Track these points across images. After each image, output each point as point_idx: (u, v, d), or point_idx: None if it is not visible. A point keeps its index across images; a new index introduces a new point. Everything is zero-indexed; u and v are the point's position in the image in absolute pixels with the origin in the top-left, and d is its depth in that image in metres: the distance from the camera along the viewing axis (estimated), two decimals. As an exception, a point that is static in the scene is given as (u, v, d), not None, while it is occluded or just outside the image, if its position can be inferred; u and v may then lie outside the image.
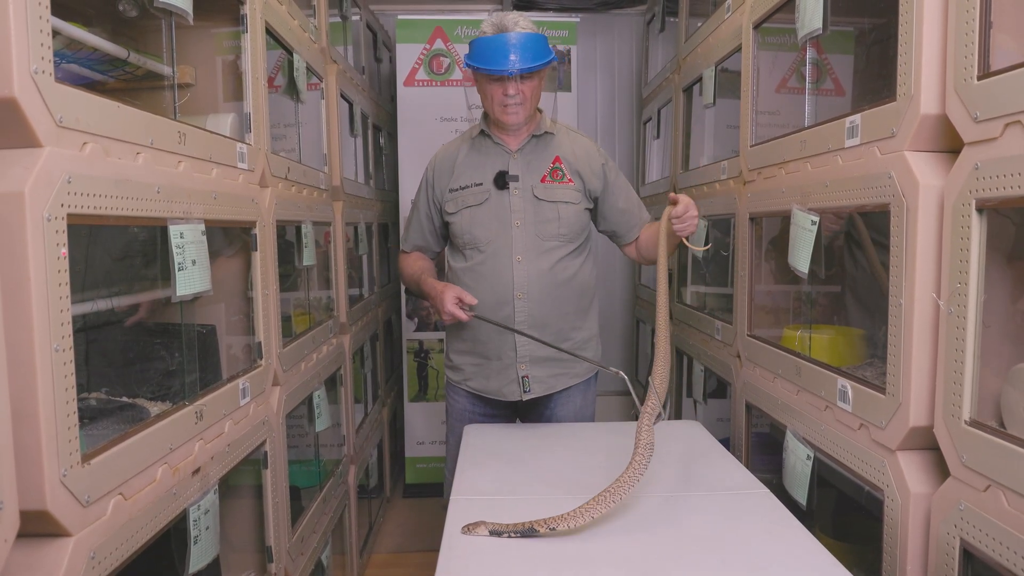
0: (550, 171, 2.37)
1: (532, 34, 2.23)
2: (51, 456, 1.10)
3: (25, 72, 1.06)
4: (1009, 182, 1.22)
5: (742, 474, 1.82)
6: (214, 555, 1.66)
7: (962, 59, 1.34)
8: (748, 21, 2.34)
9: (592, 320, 2.49)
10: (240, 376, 1.88)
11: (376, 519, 3.78)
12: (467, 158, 2.42)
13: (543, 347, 2.32)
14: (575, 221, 2.37)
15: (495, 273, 2.33)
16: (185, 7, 1.58)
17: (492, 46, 2.21)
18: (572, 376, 2.43)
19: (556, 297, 2.35)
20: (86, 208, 1.20)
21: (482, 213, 2.36)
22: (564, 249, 2.36)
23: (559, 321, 2.36)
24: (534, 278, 2.32)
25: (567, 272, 2.36)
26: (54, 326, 1.11)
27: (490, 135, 2.40)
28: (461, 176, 2.40)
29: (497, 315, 2.32)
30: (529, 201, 2.34)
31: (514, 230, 2.33)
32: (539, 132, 2.39)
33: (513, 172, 2.36)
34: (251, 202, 1.94)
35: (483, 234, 2.35)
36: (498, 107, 2.28)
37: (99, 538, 1.22)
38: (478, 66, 2.23)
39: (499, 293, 2.32)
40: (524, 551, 1.40)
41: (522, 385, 2.37)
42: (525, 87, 2.25)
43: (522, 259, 2.32)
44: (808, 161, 1.93)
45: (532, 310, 2.33)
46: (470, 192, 2.38)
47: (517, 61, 2.18)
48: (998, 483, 1.25)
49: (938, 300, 1.43)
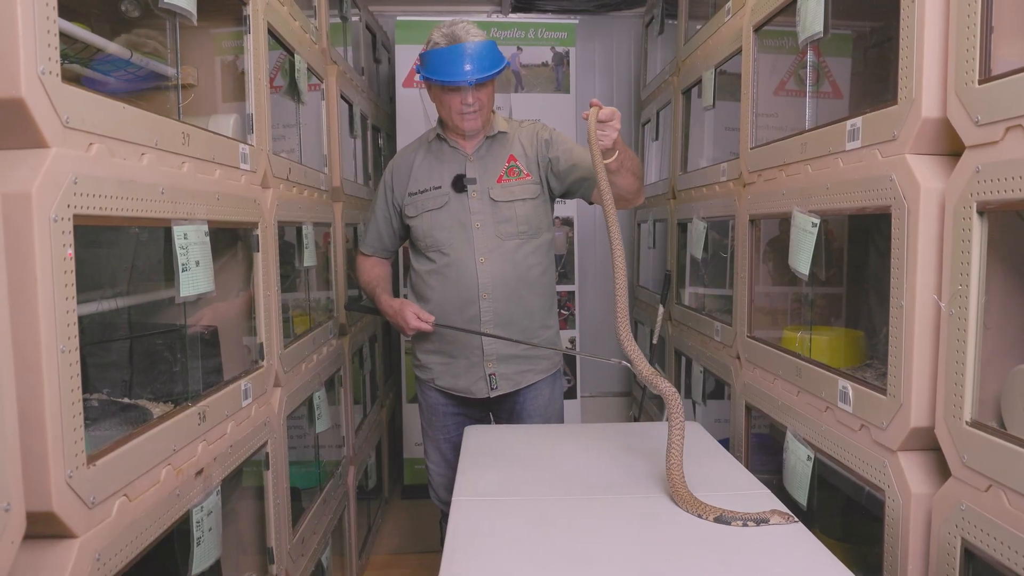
0: (506, 170, 2.44)
1: (485, 42, 2.30)
2: (57, 457, 1.10)
3: (32, 73, 1.06)
4: (1010, 185, 1.23)
5: (742, 475, 1.83)
6: (216, 556, 1.66)
7: (963, 63, 1.35)
8: (749, 24, 2.35)
9: (553, 317, 2.59)
10: (242, 377, 1.88)
11: (375, 520, 3.78)
12: (424, 162, 2.49)
13: (509, 345, 2.42)
14: (534, 216, 2.44)
15: (460, 274, 2.40)
16: (189, 8, 1.58)
17: (446, 57, 2.27)
18: (538, 372, 2.53)
19: (520, 296, 2.42)
20: (92, 209, 1.20)
21: (442, 216, 2.43)
22: (526, 247, 2.43)
23: (525, 319, 2.45)
24: (498, 278, 2.40)
25: (530, 271, 2.44)
26: (60, 327, 1.11)
27: (446, 139, 2.47)
28: (419, 180, 2.47)
29: (463, 315, 2.41)
30: (487, 203, 2.41)
31: (475, 231, 2.40)
32: (492, 133, 2.46)
33: (470, 175, 2.43)
34: (253, 203, 1.95)
35: (445, 237, 2.42)
36: (456, 116, 2.35)
37: (104, 539, 1.22)
38: (435, 78, 2.29)
39: (464, 294, 2.40)
40: (525, 552, 1.40)
41: (489, 382, 2.46)
42: (482, 95, 2.33)
43: (485, 260, 2.39)
44: (809, 163, 1.94)
45: (498, 309, 2.40)
46: (429, 196, 2.45)
47: (473, 71, 2.25)
48: (999, 483, 1.26)
49: (939, 302, 1.43)
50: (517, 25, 4.24)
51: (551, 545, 1.43)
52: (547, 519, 1.55)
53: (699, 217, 2.93)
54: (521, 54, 4.20)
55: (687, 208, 3.15)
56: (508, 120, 2.53)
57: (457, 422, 2.59)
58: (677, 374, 3.38)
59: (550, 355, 2.56)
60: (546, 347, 2.47)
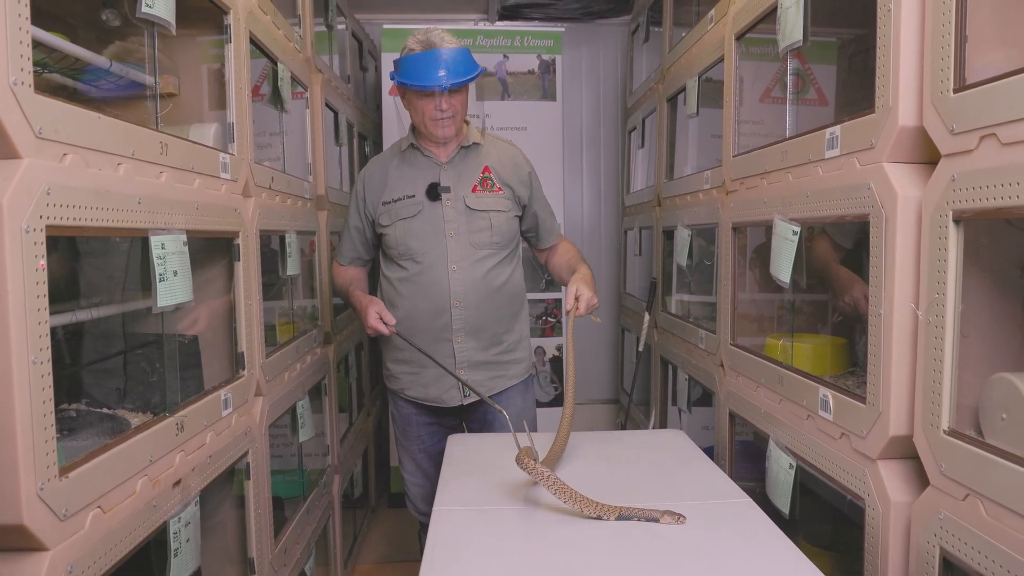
0: (480, 180, 2.46)
1: (459, 48, 2.33)
2: (28, 469, 1.09)
3: (4, 83, 1.06)
4: (985, 194, 1.23)
5: (725, 483, 1.83)
6: (195, 567, 1.65)
7: (939, 72, 1.35)
8: (731, 32, 2.36)
9: (523, 323, 2.61)
10: (222, 387, 1.87)
11: (361, 529, 3.76)
12: (398, 171, 2.50)
13: (479, 351, 2.46)
14: (506, 229, 2.47)
15: (432, 283, 2.41)
16: (168, 17, 1.58)
17: (421, 63, 2.29)
18: (509, 377, 2.55)
19: (491, 303, 2.45)
20: (65, 219, 1.19)
21: (416, 225, 2.44)
22: (496, 257, 2.46)
23: (494, 326, 2.47)
24: (470, 286, 2.41)
25: (500, 279, 2.46)
26: (32, 338, 1.10)
27: (420, 148, 2.48)
28: (393, 189, 2.48)
29: (435, 323, 2.42)
30: (462, 212, 2.43)
31: (448, 240, 2.42)
32: (467, 143, 2.47)
33: (444, 183, 2.44)
34: (234, 212, 1.94)
35: (418, 245, 2.43)
36: (430, 121, 2.36)
37: (77, 552, 1.21)
38: (409, 83, 2.30)
39: (436, 302, 2.41)
40: (505, 564, 1.40)
41: (462, 390, 2.47)
42: (455, 101, 2.35)
43: (457, 268, 2.41)
44: (789, 171, 1.94)
45: (469, 316, 2.42)
46: (403, 204, 2.45)
47: (447, 76, 2.27)
48: (976, 492, 1.26)
49: (916, 310, 1.44)
50: (503, 33, 4.25)
51: (531, 556, 1.42)
52: (528, 530, 1.54)
53: (684, 225, 2.93)
54: (507, 62, 4.20)
55: (672, 216, 3.16)
56: (482, 132, 2.55)
57: (431, 431, 2.60)
58: (663, 382, 3.38)
59: (523, 359, 2.58)
60: (455, 374, 2.42)
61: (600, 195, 4.84)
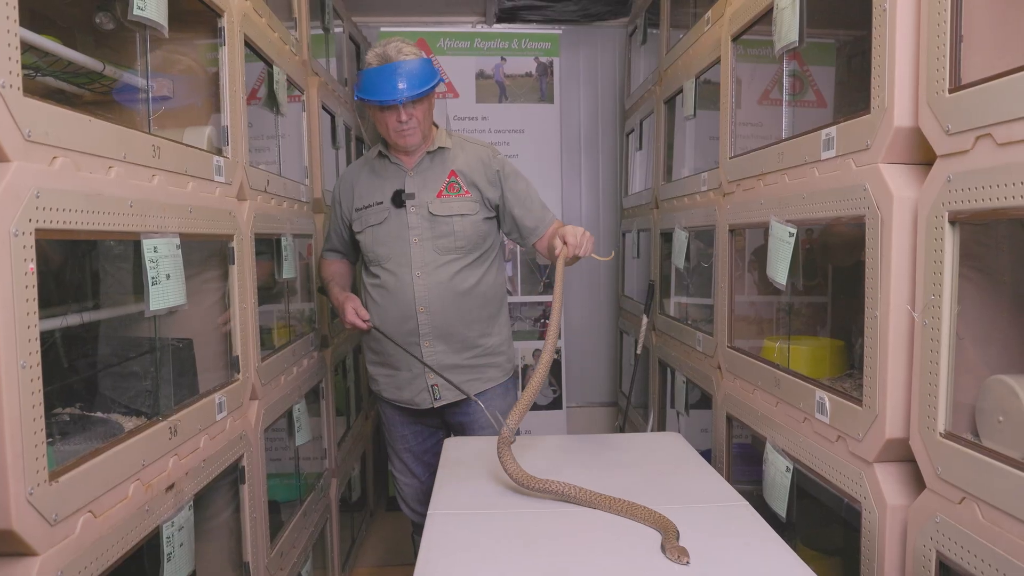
0: (446, 185, 2.47)
1: (416, 60, 2.34)
2: (17, 474, 1.08)
3: (-9, 86, 1.05)
4: (980, 194, 1.23)
5: (721, 486, 1.82)
6: (189, 572, 1.64)
7: (934, 72, 1.35)
8: (727, 34, 2.35)
9: (502, 326, 2.60)
10: (216, 390, 1.86)
11: (359, 533, 3.75)
12: (368, 179, 2.54)
13: (451, 355, 2.47)
14: (473, 232, 2.47)
15: (398, 289, 2.44)
16: (160, 20, 1.57)
17: (380, 77, 2.31)
18: (485, 380, 2.55)
19: (458, 308, 2.45)
20: (55, 223, 1.19)
21: (383, 231, 2.47)
22: (463, 261, 2.46)
23: (464, 330, 2.48)
24: (434, 291, 2.43)
25: (467, 282, 2.46)
26: (21, 342, 1.10)
27: (388, 156, 2.51)
28: (363, 196, 2.52)
29: (402, 329, 2.45)
30: (425, 218, 2.44)
31: (412, 247, 2.44)
32: (433, 148, 2.48)
33: (409, 190, 2.46)
34: (228, 215, 1.93)
35: (384, 251, 2.46)
36: (394, 133, 2.39)
37: (67, 557, 1.20)
38: (369, 98, 2.33)
39: (403, 308, 2.44)
40: (501, 567, 1.39)
41: (432, 392, 2.49)
42: (417, 111, 2.36)
43: (421, 274, 2.43)
44: (786, 173, 1.93)
45: (435, 322, 2.44)
46: (372, 211, 2.49)
47: (405, 89, 2.30)
48: (973, 495, 1.25)
49: (912, 312, 1.43)
50: (501, 35, 4.25)
51: (526, 559, 1.42)
52: (523, 532, 1.53)
53: (681, 227, 2.92)
54: (505, 64, 4.21)
55: (670, 218, 3.15)
56: (451, 135, 2.56)
57: (414, 432, 2.64)
58: (661, 384, 3.37)
59: (501, 363, 2.58)
60: (431, 368, 2.45)
61: (598, 197, 4.83)
